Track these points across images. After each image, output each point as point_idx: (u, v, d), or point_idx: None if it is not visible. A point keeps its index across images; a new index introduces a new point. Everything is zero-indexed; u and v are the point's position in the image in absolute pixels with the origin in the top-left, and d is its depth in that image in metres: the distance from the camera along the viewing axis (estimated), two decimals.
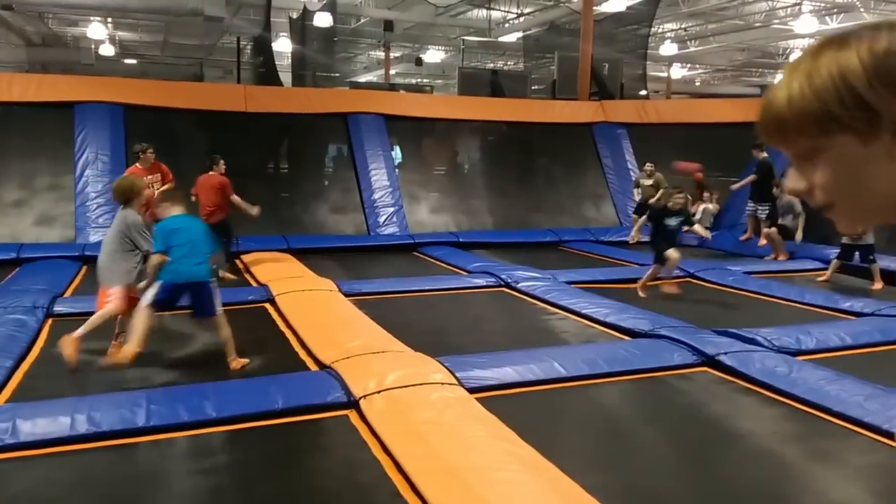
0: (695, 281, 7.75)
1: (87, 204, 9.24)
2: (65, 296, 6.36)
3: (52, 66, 22.37)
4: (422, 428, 3.41)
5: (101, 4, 15.21)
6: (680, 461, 3.47)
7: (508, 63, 24.18)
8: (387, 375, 3.97)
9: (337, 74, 19.78)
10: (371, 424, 3.52)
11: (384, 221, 10.56)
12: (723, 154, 11.13)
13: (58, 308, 5.74)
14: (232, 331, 5.52)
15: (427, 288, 7.12)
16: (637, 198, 10.92)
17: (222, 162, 7.79)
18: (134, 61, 26.13)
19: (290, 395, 3.85)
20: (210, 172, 7.71)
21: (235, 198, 7.58)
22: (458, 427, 3.43)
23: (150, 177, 7.29)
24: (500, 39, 20.72)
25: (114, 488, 3.00)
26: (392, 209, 10.72)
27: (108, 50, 21.69)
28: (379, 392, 3.79)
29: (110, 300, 4.61)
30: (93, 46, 22.08)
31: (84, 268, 7.84)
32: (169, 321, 5.67)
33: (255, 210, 7.58)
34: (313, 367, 4.59)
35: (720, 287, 7.43)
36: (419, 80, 27.69)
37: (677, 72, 24.45)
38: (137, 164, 7.44)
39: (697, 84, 28.76)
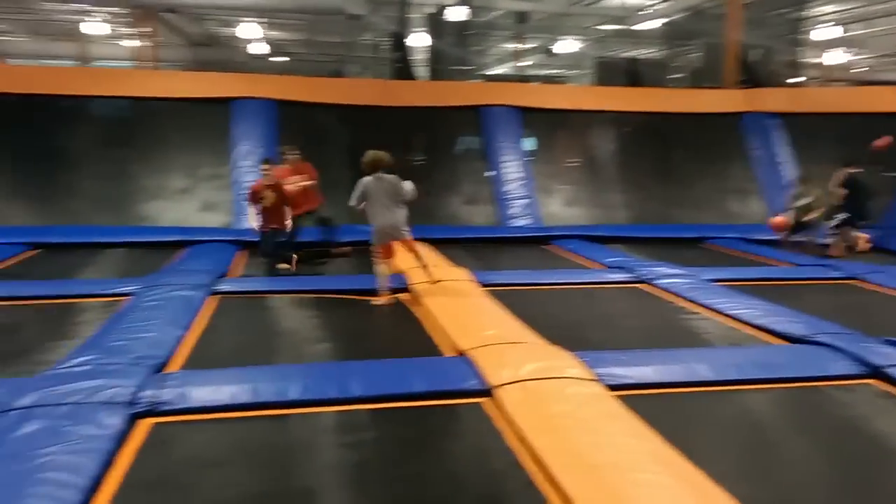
0: (861, 284, 7.12)
1: (242, 193, 9.94)
2: (225, 276, 6.91)
3: (211, 64, 24.25)
4: (558, 421, 3.39)
5: (255, 5, 16.26)
6: (837, 478, 3.22)
7: (646, 51, 23.30)
8: (522, 366, 3.98)
9: (471, 68, 19.94)
10: (506, 413, 3.55)
11: (516, 213, 10.56)
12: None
13: (219, 287, 6.25)
14: (371, 315, 5.80)
15: (560, 281, 7.04)
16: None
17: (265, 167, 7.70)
18: (283, 59, 27.74)
19: (427, 379, 3.97)
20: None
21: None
22: (596, 423, 3.37)
23: (295, 176, 7.71)
24: (638, 27, 20.01)
25: (269, 455, 3.22)
26: (525, 201, 10.69)
27: (260, 48, 23.18)
28: (514, 382, 3.80)
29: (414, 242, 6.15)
30: (246, 46, 23.72)
31: (243, 252, 8.48)
32: (316, 304, 6.01)
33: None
34: (449, 353, 4.69)
35: (891, 292, 6.78)
36: (553, 71, 27.34)
37: (837, 57, 22.45)
38: (286, 165, 7.81)
39: (860, 70, 26.28)
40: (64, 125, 10.15)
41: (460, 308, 5.59)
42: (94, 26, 20.62)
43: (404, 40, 17.69)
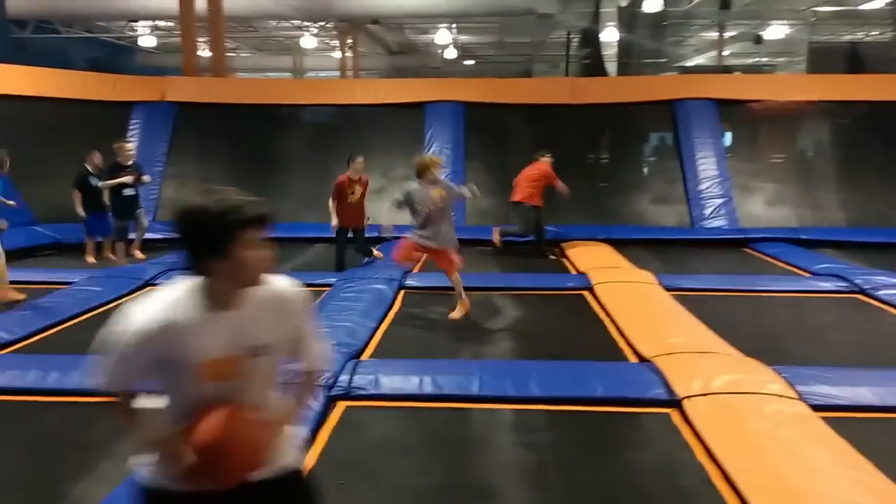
0: None
1: None
2: (413, 272, 7.27)
3: (406, 70, 25.59)
4: (755, 440, 3.14)
5: (449, 11, 16.83)
6: None
7: (871, 33, 20.66)
8: (714, 378, 3.74)
9: (664, 60, 19.02)
10: (695, 427, 3.35)
11: (710, 214, 9.91)
12: None
13: (407, 282, 6.59)
14: (550, 316, 5.77)
15: (760, 288, 6.50)
16: None
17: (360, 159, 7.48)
18: (472, 62, 28.50)
19: (609, 385, 3.87)
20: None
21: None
22: (799, 446, 3.07)
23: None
24: (862, 7, 17.80)
25: (451, 447, 3.34)
26: (720, 200, 10.01)
27: (451, 53, 24.00)
28: (705, 395, 3.58)
29: (456, 260, 5.57)
30: (439, 51, 24.68)
31: None
32: (498, 301, 6.12)
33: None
34: (632, 359, 4.53)
35: None
36: (758, 59, 25.24)
37: None
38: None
39: None
40: (279, 131, 11.29)
41: (645, 312, 5.38)
42: (307, 40, 22.62)
43: (594, 36, 17.35)
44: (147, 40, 22.22)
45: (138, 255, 8.19)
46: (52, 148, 9.59)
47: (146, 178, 8.14)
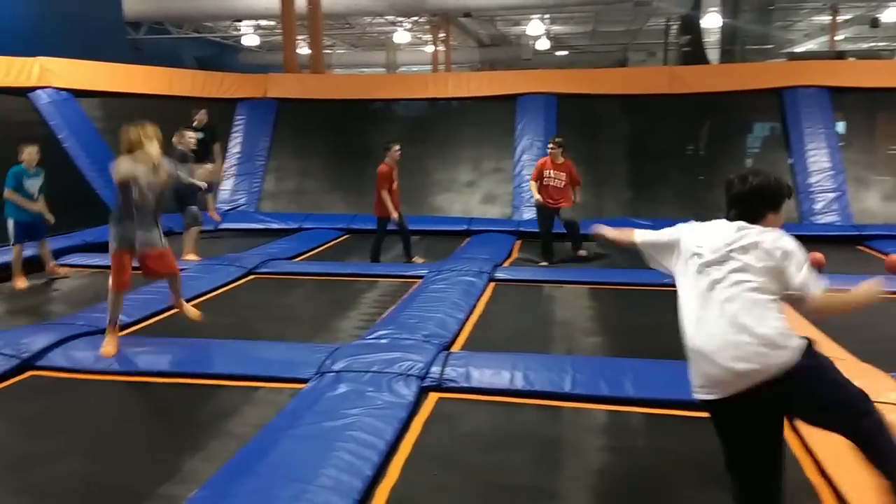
0: None
1: (522, 185, 10.32)
2: (503, 265, 7.25)
3: (497, 63, 25.49)
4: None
5: (543, 2, 16.62)
6: None
7: None
8: None
9: (770, 46, 18.05)
10: (805, 441, 3.16)
11: (821, 209, 9.34)
12: None
13: (498, 274, 6.58)
14: (649, 311, 5.58)
15: None
16: None
17: (396, 148, 7.57)
18: (565, 53, 28.04)
19: None
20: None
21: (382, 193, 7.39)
22: None
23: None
24: None
25: (541, 445, 3.28)
26: (832, 195, 9.41)
27: (543, 44, 23.70)
28: None
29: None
30: (531, 42, 24.42)
31: (519, 241, 8.84)
32: (591, 295, 6.00)
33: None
34: None
35: None
36: (874, 44, 23.51)
37: None
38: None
39: None
40: (373, 125, 11.52)
41: None
42: (400, 35, 22.95)
43: (695, 22, 16.67)
44: (250, 39, 23.21)
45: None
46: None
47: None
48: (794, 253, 2.30)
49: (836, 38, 21.35)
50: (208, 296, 6.04)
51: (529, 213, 9.99)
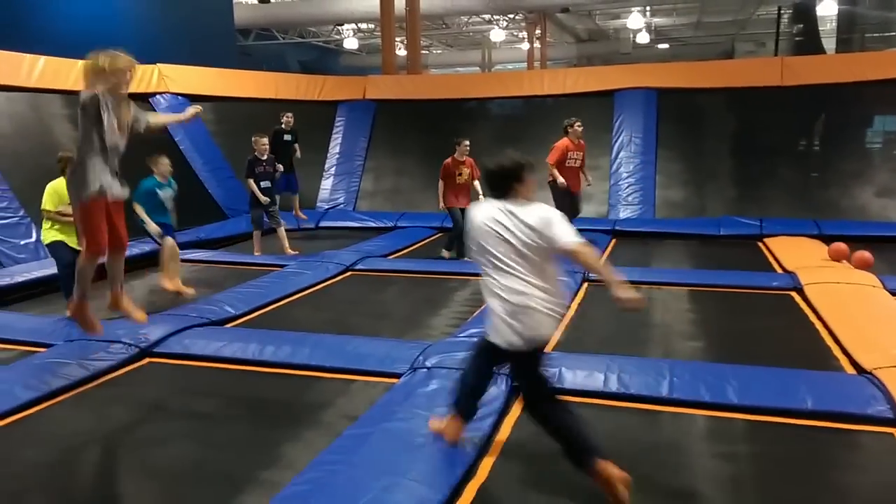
0: None
1: (620, 183, 10.07)
2: None
3: (595, 58, 24.99)
4: None
5: None
6: None
7: None
8: None
9: (894, 34, 16.73)
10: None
11: None
12: None
13: (591, 275, 6.43)
14: (756, 315, 5.31)
15: None
16: None
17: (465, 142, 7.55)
18: (666, 46, 27.12)
19: (820, 397, 3.49)
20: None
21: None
22: None
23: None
24: None
25: (640, 450, 3.18)
26: None
27: (643, 38, 23.02)
28: None
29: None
30: (630, 36, 23.77)
31: (613, 241, 8.64)
32: (691, 296, 5.77)
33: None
34: (848, 369, 4.06)
35: None
36: None
37: None
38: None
39: None
40: (469, 123, 11.54)
41: (866, 318, 4.78)
42: (496, 33, 22.93)
43: (810, 10, 15.69)
44: (350, 42, 23.90)
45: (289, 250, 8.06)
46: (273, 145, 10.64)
47: (279, 167, 8.32)
48: (548, 217, 2.69)
49: None
50: (308, 291, 6.27)
51: (626, 212, 9.75)
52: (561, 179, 7.69)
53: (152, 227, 6.10)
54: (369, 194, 11.29)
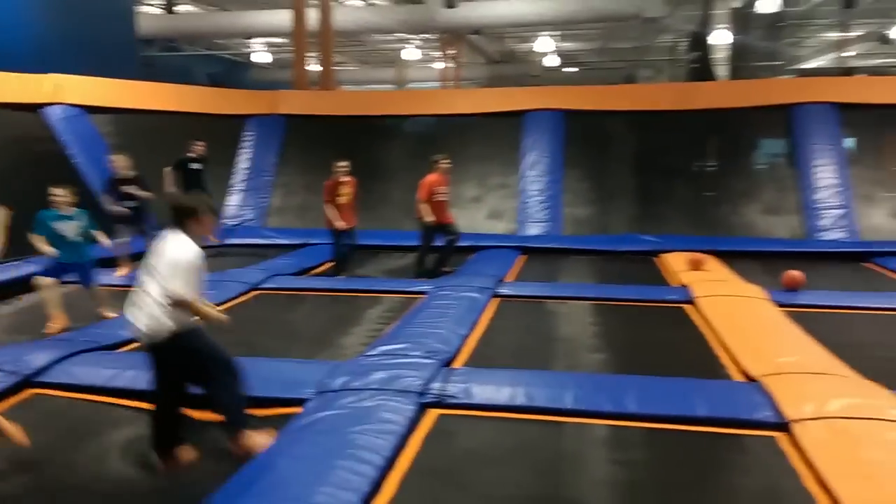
0: None
1: (528, 201, 10.32)
2: (506, 280, 7.23)
3: (506, 79, 25.59)
4: (871, 469, 2.90)
5: (553, 19, 16.73)
6: None
7: None
8: (828, 401, 3.50)
9: (780, 63, 18.04)
10: (805, 453, 3.14)
11: (828, 225, 9.28)
12: None
13: (501, 290, 6.57)
14: (651, 328, 5.57)
15: (882, 306, 6.01)
16: None
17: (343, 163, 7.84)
18: (574, 69, 28.13)
19: (712, 404, 3.69)
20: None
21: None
22: None
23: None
24: None
25: (542, 460, 3.28)
26: (839, 211, 9.35)
27: (552, 61, 23.80)
28: (818, 419, 3.35)
29: None
30: (540, 59, 24.52)
31: (523, 257, 8.83)
32: (594, 311, 5.97)
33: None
34: (737, 377, 4.31)
35: None
36: (884, 60, 23.45)
37: None
38: (435, 174, 7.77)
39: None
40: (381, 141, 11.58)
41: (753, 329, 5.09)
42: (410, 53, 23.12)
43: (704, 39, 16.70)
44: (261, 56, 23.46)
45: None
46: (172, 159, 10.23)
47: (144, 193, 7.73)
48: (175, 260, 3.16)
49: (845, 54, 21.32)
50: None
51: (534, 229, 10.00)
52: (430, 217, 7.69)
53: (45, 250, 5.67)
54: (279, 211, 11.06)
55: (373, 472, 2.94)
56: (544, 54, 23.44)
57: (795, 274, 6.58)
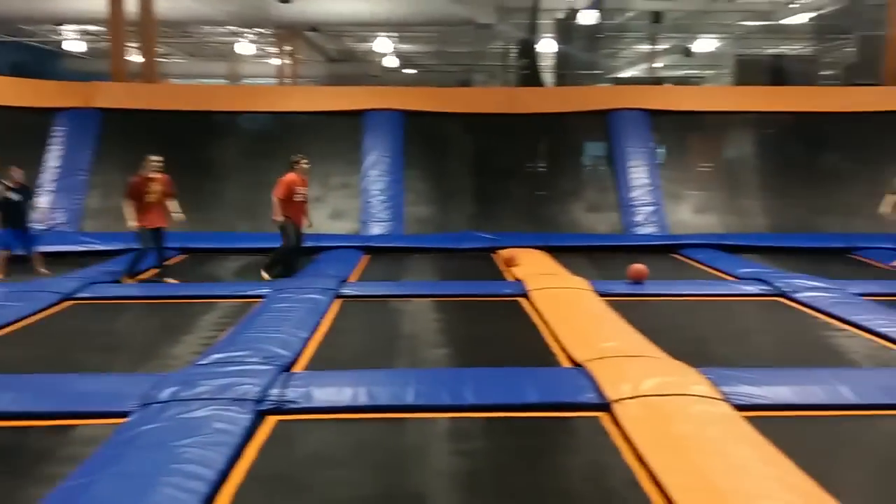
0: None
1: (370, 201, 10.32)
2: (349, 280, 7.18)
3: (345, 78, 25.40)
4: (681, 441, 3.21)
5: (388, 20, 16.83)
6: None
7: (793, 47, 21.71)
8: (643, 381, 3.82)
9: (599, 71, 19.51)
10: (624, 430, 3.41)
11: (641, 221, 10.19)
12: None
13: (344, 291, 6.51)
14: (486, 322, 5.79)
15: (688, 293, 6.70)
16: None
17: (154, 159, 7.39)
18: (413, 71, 28.53)
19: (542, 390, 3.90)
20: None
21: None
22: (722, 445, 3.16)
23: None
24: (785, 22, 18.69)
25: (384, 458, 3.29)
26: (651, 208, 10.30)
27: (391, 62, 23.96)
28: (634, 398, 3.65)
29: None
30: (379, 59, 24.59)
31: (366, 257, 8.81)
32: (434, 307, 6.09)
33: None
34: (565, 364, 4.59)
35: None
36: (688, 71, 26.17)
37: None
38: (294, 174, 7.55)
39: None
40: (213, 138, 11.01)
41: (578, 318, 5.46)
42: (244, 47, 22.22)
43: (532, 47, 17.63)
44: (75, 45, 21.42)
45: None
46: None
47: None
48: None
49: (655, 65, 23.51)
50: (16, 326, 5.42)
51: (377, 228, 10.02)
52: (281, 218, 7.42)
53: None
54: (96, 213, 10.13)
55: (204, 487, 2.77)
56: (383, 55, 23.54)
57: (640, 267, 7.11)
